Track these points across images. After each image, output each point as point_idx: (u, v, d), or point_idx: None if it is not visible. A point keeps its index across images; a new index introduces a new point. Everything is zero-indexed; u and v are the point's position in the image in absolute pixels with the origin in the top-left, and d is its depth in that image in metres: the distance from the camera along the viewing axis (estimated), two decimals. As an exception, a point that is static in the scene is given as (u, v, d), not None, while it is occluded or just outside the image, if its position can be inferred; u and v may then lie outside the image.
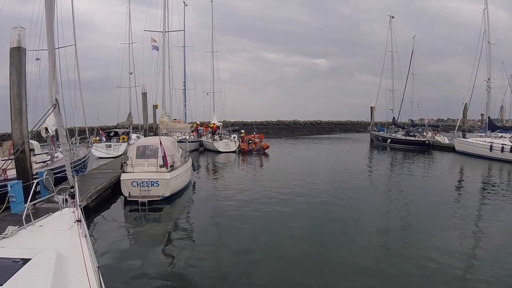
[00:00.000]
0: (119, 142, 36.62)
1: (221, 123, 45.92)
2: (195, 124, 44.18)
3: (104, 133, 39.45)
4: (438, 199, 16.98)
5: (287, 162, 31.73)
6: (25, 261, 4.36)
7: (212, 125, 44.12)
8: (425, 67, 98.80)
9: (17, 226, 5.84)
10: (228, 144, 38.64)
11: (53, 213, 7.06)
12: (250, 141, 39.13)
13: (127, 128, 43.00)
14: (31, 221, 6.19)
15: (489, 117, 38.70)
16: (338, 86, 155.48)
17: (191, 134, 38.80)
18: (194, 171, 21.74)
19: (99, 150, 34.06)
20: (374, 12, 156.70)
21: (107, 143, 35.90)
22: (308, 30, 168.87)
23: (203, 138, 42.32)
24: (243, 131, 42.59)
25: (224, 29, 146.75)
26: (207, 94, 50.86)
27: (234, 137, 40.41)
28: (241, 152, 37.96)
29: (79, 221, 6.38)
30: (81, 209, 6.99)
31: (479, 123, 50.06)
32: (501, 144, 31.25)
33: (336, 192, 18.33)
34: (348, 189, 19.31)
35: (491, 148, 32.07)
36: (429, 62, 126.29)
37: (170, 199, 16.14)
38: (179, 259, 10.03)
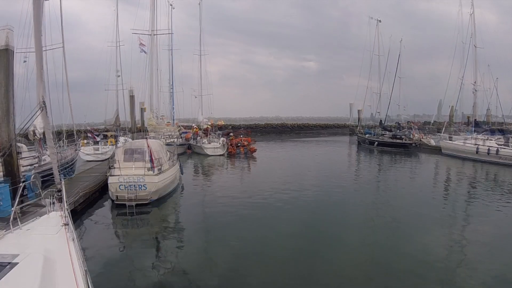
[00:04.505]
0: (106, 145, 36.39)
1: (209, 125, 45.92)
2: (195, 129, 44.21)
3: (94, 134, 39.16)
4: (425, 200, 17.42)
5: (275, 166, 31.62)
6: (13, 264, 4.37)
7: (195, 129, 44.12)
8: (413, 68, 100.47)
9: (4, 229, 5.84)
10: (216, 148, 38.51)
11: (40, 216, 7.06)
12: (239, 144, 39.14)
13: (114, 132, 42.72)
14: (18, 224, 6.17)
15: (475, 119, 39.24)
16: (327, 88, 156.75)
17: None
18: (182, 174, 21.70)
19: (87, 152, 33.81)
20: (364, 14, 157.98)
21: (94, 146, 35.66)
22: (298, 32, 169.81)
23: (191, 141, 42.21)
24: (231, 134, 42.53)
25: (214, 30, 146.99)
26: (195, 97, 50.65)
27: (223, 140, 40.32)
28: (229, 155, 37.95)
29: (66, 224, 6.38)
30: (68, 212, 6.98)
31: (465, 125, 50.86)
32: (487, 146, 31.77)
33: (325, 194, 18.49)
34: (337, 191, 19.45)
35: (477, 150, 32.60)
36: (417, 64, 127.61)
37: (157, 202, 16.14)
38: (167, 261, 10.07)
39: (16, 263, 4.40)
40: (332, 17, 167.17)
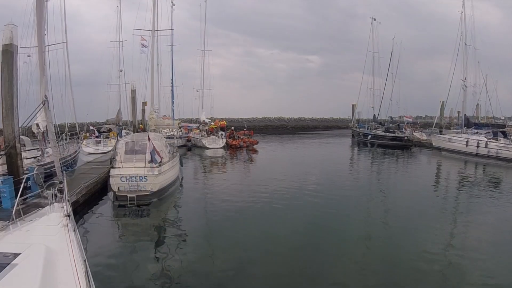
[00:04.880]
0: (108, 138, 36.59)
1: (209, 120, 46.06)
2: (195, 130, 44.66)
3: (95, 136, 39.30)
4: (421, 194, 18.23)
5: (275, 167, 30.87)
6: (15, 255, 4.55)
7: (195, 130, 44.56)
8: (416, 69, 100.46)
9: (7, 221, 6.01)
10: (217, 149, 38.69)
11: (42, 208, 7.24)
12: (240, 145, 39.53)
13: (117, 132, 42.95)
14: (21, 216, 6.32)
15: (475, 121, 39.72)
16: (329, 89, 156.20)
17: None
18: (182, 166, 21.93)
19: (89, 146, 34.05)
20: (367, 16, 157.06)
21: (97, 140, 35.90)
22: (300, 33, 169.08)
23: (192, 141, 42.55)
24: (232, 135, 42.67)
25: (216, 31, 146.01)
26: (197, 91, 50.55)
27: (223, 140, 40.39)
28: (230, 156, 38.32)
29: (68, 216, 6.55)
30: (70, 204, 7.15)
31: (455, 120, 51.70)
32: (488, 148, 32.62)
33: (324, 190, 18.57)
34: (341, 189, 19.56)
35: (467, 144, 34.26)
36: (420, 64, 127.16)
37: (158, 194, 16.32)
38: (167, 254, 10.25)
39: (19, 254, 4.56)
40: (334, 19, 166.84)
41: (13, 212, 6.23)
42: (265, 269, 9.28)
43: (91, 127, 39.71)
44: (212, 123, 44.89)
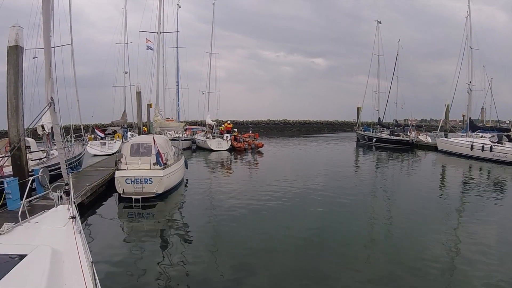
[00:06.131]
0: (113, 140, 36.71)
1: (215, 122, 46.10)
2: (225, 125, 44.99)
3: (100, 130, 39.43)
4: (426, 196, 18.07)
5: (280, 166, 31.26)
6: (21, 257, 4.47)
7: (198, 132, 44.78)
8: (419, 69, 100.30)
9: (13, 223, 5.97)
10: (221, 153, 38.90)
11: (48, 209, 7.19)
12: (246, 147, 39.78)
13: (121, 127, 43.11)
14: (27, 217, 6.28)
15: (470, 117, 39.64)
16: (334, 92, 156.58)
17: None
18: (187, 169, 21.97)
19: (94, 147, 34.16)
20: (371, 19, 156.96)
21: (102, 141, 36.01)
22: (305, 35, 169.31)
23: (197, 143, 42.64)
24: (238, 137, 42.79)
25: (221, 26, 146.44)
26: (203, 94, 50.63)
27: (229, 143, 40.48)
28: (234, 150, 38.42)
29: (73, 217, 6.51)
30: (75, 205, 7.13)
31: (460, 123, 51.53)
32: (481, 143, 33.30)
33: (329, 193, 18.45)
34: (346, 191, 19.33)
35: (472, 147, 34.07)
36: (426, 66, 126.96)
37: (163, 196, 16.47)
38: (172, 255, 10.22)
39: (25, 255, 4.48)
40: (340, 21, 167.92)
41: (19, 214, 6.19)
42: (270, 270, 9.21)
43: (96, 130, 39.83)
44: (223, 126, 44.98)
